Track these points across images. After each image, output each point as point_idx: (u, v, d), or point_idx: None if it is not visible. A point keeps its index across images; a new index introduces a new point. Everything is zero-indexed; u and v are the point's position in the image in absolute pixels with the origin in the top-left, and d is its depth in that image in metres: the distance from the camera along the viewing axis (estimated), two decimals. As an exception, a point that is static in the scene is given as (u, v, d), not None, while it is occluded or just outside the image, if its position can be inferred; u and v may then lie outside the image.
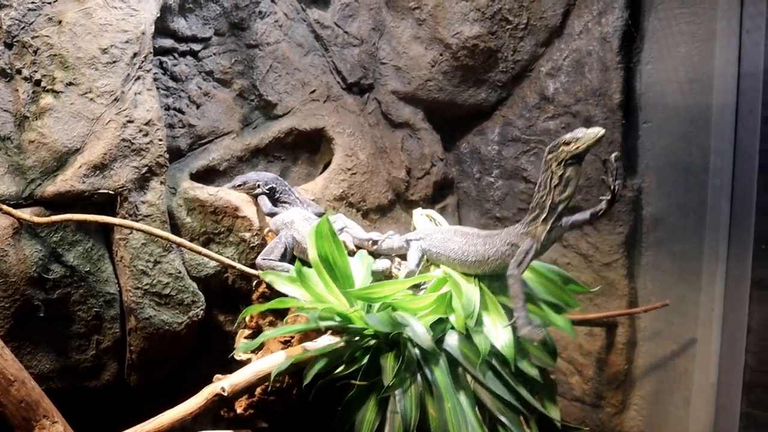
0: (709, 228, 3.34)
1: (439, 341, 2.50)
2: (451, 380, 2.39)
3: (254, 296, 3.02)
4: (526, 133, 3.75)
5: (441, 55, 3.72)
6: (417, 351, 2.43)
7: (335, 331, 2.59)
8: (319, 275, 2.61)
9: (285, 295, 2.66)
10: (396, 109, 3.83)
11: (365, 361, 2.42)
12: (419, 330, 2.39)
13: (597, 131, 2.26)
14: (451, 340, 2.50)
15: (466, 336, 2.48)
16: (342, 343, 2.49)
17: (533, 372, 2.46)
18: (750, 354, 3.14)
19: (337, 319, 2.51)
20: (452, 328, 2.51)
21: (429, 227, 3.01)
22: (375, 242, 2.97)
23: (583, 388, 3.60)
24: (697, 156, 3.38)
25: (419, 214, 3.16)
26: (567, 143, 2.31)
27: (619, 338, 3.51)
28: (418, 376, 2.40)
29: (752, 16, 3.15)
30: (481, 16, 3.62)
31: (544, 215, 2.39)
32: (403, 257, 2.90)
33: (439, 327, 2.52)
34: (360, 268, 2.80)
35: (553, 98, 3.61)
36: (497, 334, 2.42)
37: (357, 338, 2.51)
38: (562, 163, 2.32)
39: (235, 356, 2.77)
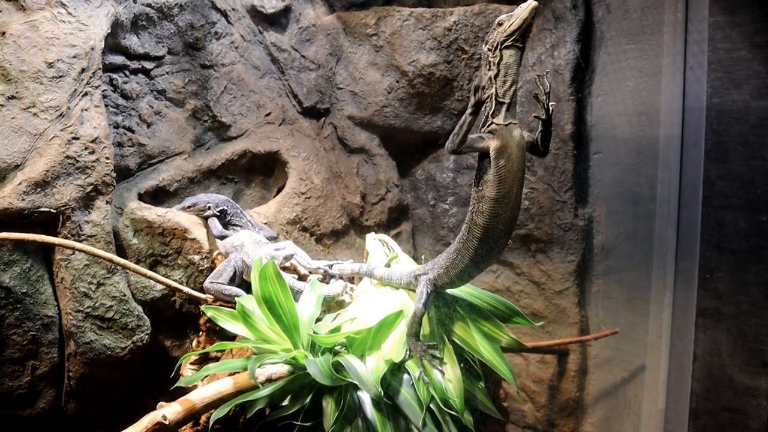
0: (656, 257, 3.42)
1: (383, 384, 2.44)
2: (393, 428, 2.35)
3: (201, 321, 2.95)
4: (480, 161, 3.78)
5: (397, 82, 3.75)
6: (358, 396, 2.40)
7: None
8: (263, 313, 2.55)
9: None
10: (352, 135, 3.82)
11: (308, 400, 2.38)
12: (365, 376, 2.34)
13: (529, 2, 2.09)
14: (396, 385, 2.47)
15: (411, 383, 2.45)
16: (288, 376, 2.43)
17: (468, 419, 2.44)
18: (696, 381, 3.19)
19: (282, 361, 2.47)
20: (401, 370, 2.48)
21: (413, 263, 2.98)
22: (326, 271, 2.99)
23: (535, 415, 3.59)
24: (645, 186, 3.47)
25: (372, 239, 3.15)
26: (500, 23, 2.13)
27: (571, 365, 3.53)
28: (360, 422, 2.36)
29: (695, 53, 3.28)
30: (437, 45, 3.67)
31: (491, 110, 2.25)
32: (350, 280, 2.88)
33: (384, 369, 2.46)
34: (311, 298, 2.73)
35: (507, 127, 3.65)
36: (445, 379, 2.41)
37: (302, 372, 2.46)
38: (498, 47, 2.14)
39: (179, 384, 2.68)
